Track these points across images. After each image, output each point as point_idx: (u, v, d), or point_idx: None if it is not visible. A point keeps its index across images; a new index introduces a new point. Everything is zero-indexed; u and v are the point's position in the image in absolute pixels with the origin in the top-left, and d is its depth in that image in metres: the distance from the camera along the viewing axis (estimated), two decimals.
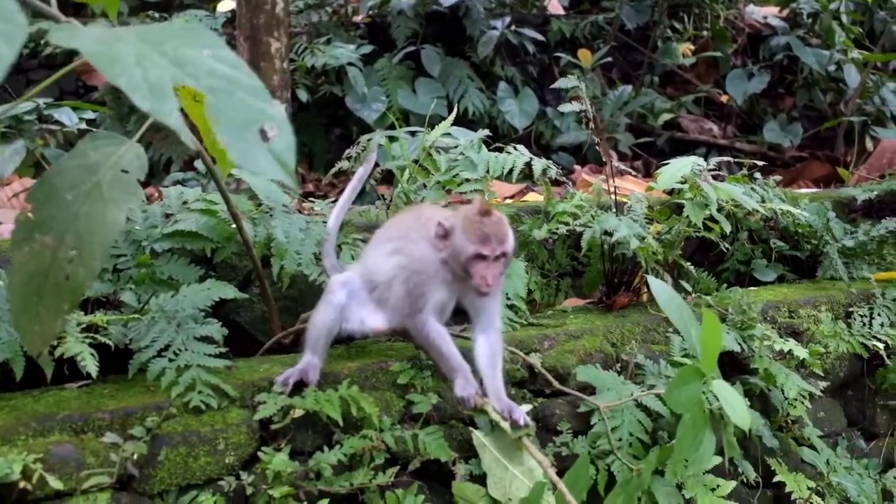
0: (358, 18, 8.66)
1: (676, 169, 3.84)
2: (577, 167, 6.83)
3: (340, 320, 2.95)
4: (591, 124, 4.04)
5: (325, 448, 2.72)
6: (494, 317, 2.95)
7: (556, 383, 3.21)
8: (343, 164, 4.11)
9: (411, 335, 2.97)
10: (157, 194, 4.58)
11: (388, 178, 4.91)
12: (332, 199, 3.85)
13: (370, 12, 8.63)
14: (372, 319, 2.98)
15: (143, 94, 1.66)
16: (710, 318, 2.70)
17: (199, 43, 1.82)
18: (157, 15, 8.05)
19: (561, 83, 3.99)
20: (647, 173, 7.21)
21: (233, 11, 7.18)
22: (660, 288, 2.82)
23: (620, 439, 3.15)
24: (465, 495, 2.75)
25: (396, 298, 2.92)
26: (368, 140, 3.95)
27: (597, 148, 7.59)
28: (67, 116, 5.81)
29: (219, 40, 1.87)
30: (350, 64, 7.26)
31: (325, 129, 7.65)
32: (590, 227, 3.74)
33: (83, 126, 5.81)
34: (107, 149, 2.17)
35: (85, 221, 2.04)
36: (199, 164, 5.78)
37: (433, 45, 7.91)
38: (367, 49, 7.66)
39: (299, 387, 2.81)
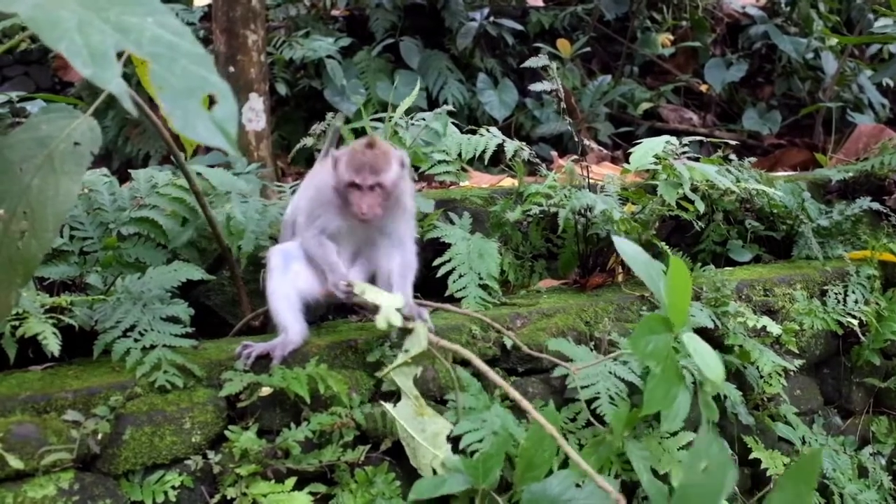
0: (336, 12, 8.62)
1: (648, 148, 3.85)
2: (554, 154, 6.81)
3: (297, 287, 2.97)
4: (562, 104, 4.03)
5: (294, 426, 2.69)
6: (405, 238, 3.10)
7: (519, 346, 3.22)
8: (307, 141, 4.11)
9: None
10: None
11: None
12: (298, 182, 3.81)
13: (348, 5, 8.61)
14: (312, 282, 3.03)
15: (84, 59, 1.63)
16: (677, 263, 2.56)
17: (143, 10, 1.80)
18: None
19: (531, 62, 3.97)
20: (628, 162, 7.19)
21: (210, 5, 7.13)
22: (624, 244, 2.73)
23: (597, 409, 3.12)
24: None
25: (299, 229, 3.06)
26: (332, 117, 3.95)
27: (575, 138, 7.62)
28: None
29: (163, 7, 1.84)
30: (329, 57, 7.22)
31: (304, 123, 7.58)
32: (564, 206, 3.71)
33: None
34: (60, 122, 2.14)
35: (37, 194, 2.01)
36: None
37: (412, 37, 7.87)
38: (346, 42, 7.62)
39: (262, 360, 2.79)
